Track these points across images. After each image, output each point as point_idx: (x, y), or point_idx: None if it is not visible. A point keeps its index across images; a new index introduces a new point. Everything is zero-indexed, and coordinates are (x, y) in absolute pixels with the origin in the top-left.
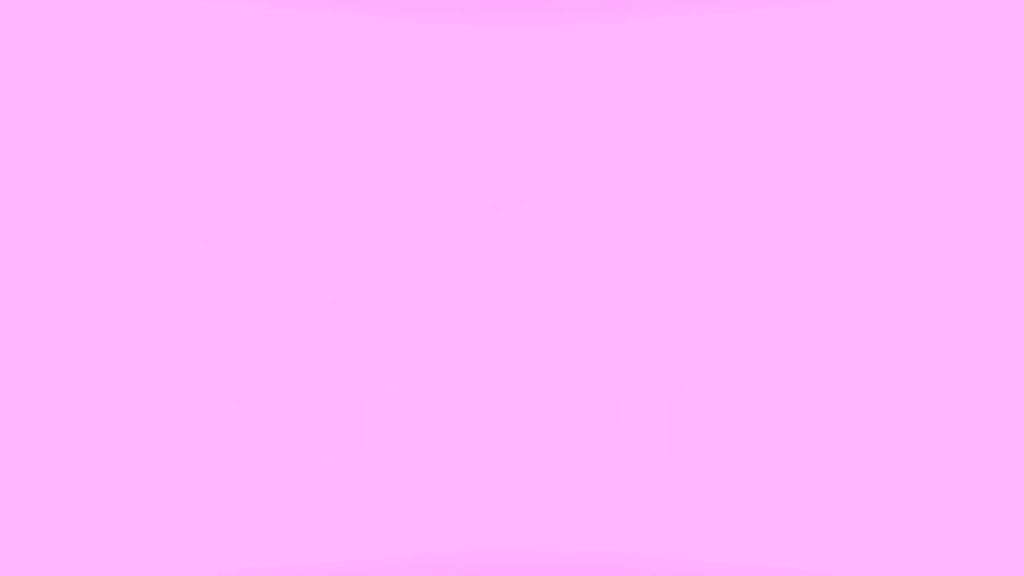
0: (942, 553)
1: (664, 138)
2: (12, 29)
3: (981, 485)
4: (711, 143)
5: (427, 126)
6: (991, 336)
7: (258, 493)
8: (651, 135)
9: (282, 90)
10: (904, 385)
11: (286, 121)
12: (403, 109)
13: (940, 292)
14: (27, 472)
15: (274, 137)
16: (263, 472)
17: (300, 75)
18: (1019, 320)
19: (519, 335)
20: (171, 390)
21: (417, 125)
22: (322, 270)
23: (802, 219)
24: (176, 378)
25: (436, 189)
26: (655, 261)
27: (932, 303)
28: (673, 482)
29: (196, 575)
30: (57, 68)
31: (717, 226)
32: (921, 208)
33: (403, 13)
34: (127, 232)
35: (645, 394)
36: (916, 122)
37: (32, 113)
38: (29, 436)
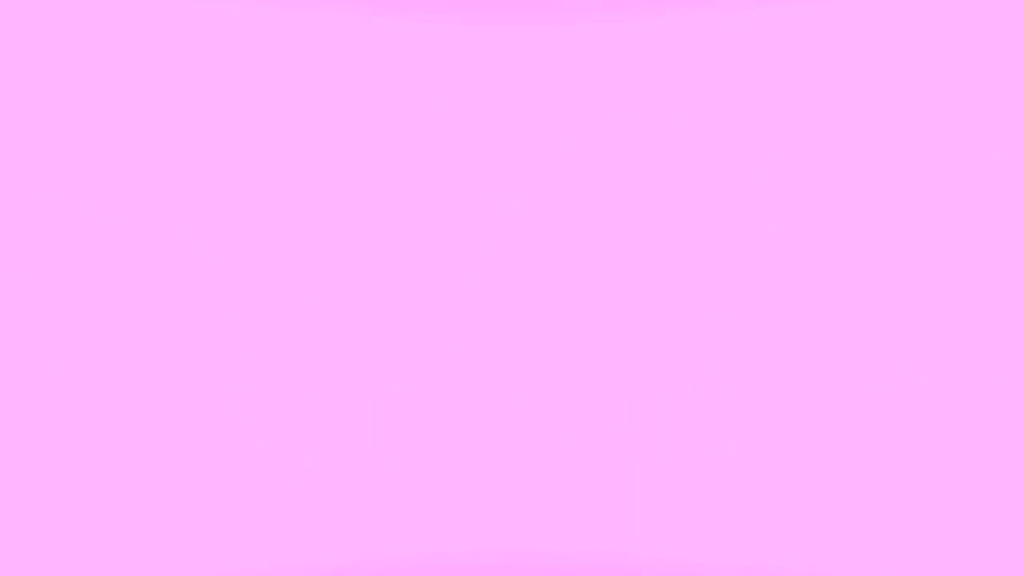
0: (942, 553)
1: (664, 138)
2: (12, 29)
3: (981, 485)
4: (711, 143)
5: (428, 126)
6: (991, 336)
7: (258, 493)
8: (651, 135)
9: (282, 90)
10: (904, 385)
11: (286, 121)
12: (403, 109)
13: (940, 292)
14: (27, 472)
15: (274, 137)
16: (263, 472)
17: (300, 75)
18: (1019, 320)
19: (519, 335)
20: (171, 390)
21: (418, 125)
22: (322, 270)
23: (802, 219)
24: (176, 378)
25: (436, 189)
26: (655, 261)
27: (932, 303)
28: (673, 482)
29: (196, 575)
30: (57, 68)
31: (717, 226)
32: (921, 208)
33: (403, 13)
34: (127, 232)
35: (645, 394)
36: (916, 122)
37: (32, 113)
38: (29, 436)
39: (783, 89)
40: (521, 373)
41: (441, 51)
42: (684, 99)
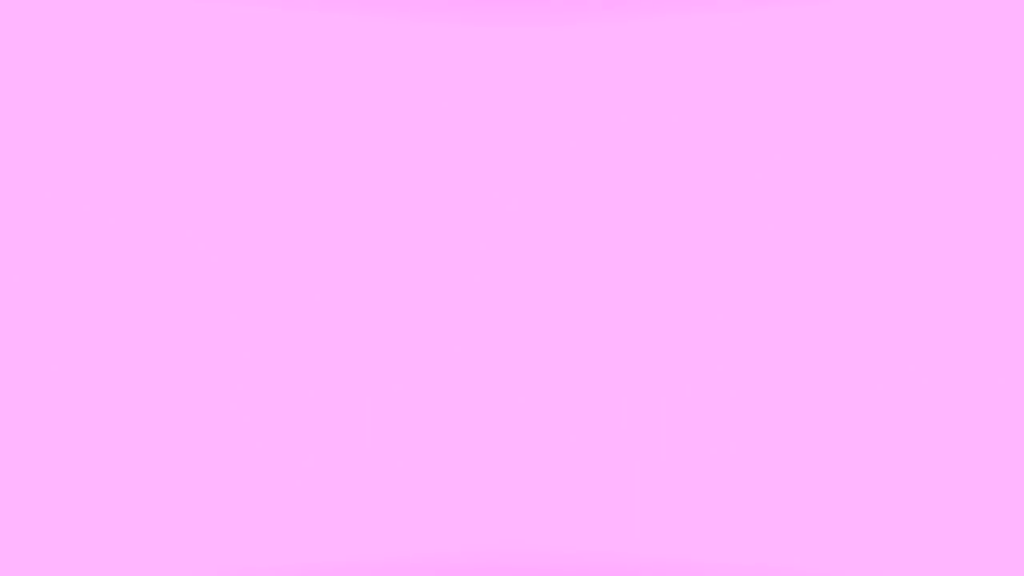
0: (942, 553)
1: (664, 138)
2: (12, 29)
3: (981, 485)
4: (711, 143)
5: (428, 126)
6: (991, 336)
7: (258, 493)
8: (651, 135)
9: (282, 90)
10: (904, 385)
11: (286, 121)
12: (403, 109)
13: (940, 292)
14: (27, 472)
15: (274, 137)
16: (263, 472)
17: (300, 75)
18: (1019, 320)
19: (519, 335)
20: (171, 390)
21: (418, 125)
22: (322, 270)
23: (802, 219)
24: (176, 378)
25: (436, 189)
26: (655, 261)
27: (932, 303)
28: (673, 482)
29: (196, 575)
30: (57, 68)
31: (717, 226)
32: (921, 208)
33: (403, 13)
34: (127, 232)
35: (645, 394)
36: (916, 122)
37: (32, 113)
38: (29, 436)
39: (783, 89)
40: (521, 373)
41: (441, 51)
42: (684, 99)
